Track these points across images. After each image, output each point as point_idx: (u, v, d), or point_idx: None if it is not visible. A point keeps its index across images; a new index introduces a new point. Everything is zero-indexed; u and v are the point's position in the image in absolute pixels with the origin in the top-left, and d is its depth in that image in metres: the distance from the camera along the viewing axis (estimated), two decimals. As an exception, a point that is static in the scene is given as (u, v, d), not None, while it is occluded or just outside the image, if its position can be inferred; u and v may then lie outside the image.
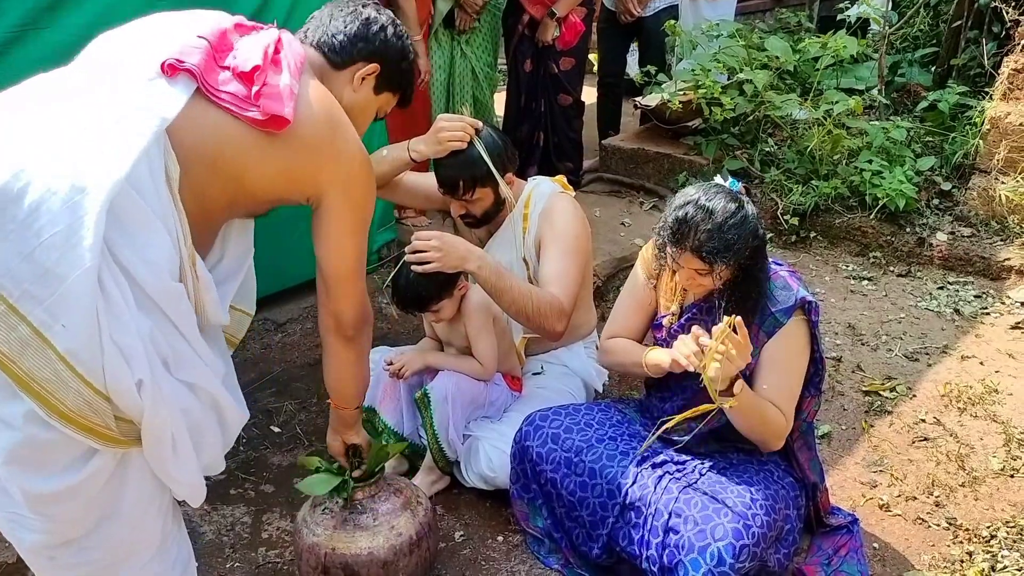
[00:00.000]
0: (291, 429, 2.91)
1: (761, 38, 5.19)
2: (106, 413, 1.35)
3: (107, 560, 1.51)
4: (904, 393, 3.10)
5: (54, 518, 1.42)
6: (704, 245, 1.93)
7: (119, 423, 1.38)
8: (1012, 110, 4.12)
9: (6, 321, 1.26)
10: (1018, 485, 2.61)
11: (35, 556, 1.48)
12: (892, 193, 4.10)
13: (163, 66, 1.45)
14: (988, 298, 3.78)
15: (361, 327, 1.83)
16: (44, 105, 1.39)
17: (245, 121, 1.51)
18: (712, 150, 4.78)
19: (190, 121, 1.46)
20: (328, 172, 1.63)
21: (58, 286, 1.26)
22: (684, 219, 1.96)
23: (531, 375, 2.80)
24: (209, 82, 1.49)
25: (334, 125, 1.63)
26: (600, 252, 3.97)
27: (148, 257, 1.37)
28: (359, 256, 1.76)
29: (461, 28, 4.39)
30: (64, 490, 1.39)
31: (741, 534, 1.92)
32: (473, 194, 2.51)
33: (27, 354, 1.27)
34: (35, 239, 1.25)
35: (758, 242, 2.00)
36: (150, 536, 1.56)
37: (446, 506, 2.56)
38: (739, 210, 1.96)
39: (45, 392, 1.30)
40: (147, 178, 1.37)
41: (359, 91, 1.83)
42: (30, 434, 1.33)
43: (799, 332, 2.09)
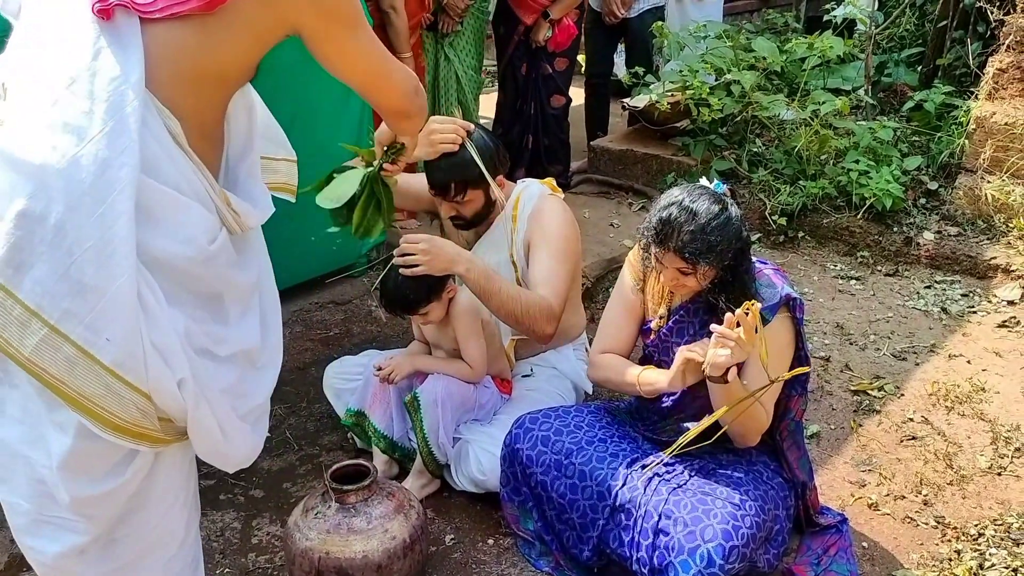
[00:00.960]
0: (281, 434, 2.90)
1: (748, 39, 5.21)
2: (154, 416, 1.36)
3: (133, 554, 1.51)
4: (892, 392, 3.11)
5: (95, 519, 1.43)
6: (687, 246, 1.96)
7: (162, 423, 1.38)
8: (997, 110, 4.15)
9: (50, 343, 1.25)
10: (1005, 483, 2.63)
11: (65, 559, 1.46)
12: (879, 193, 4.12)
13: (97, 13, 1.32)
14: (975, 297, 3.81)
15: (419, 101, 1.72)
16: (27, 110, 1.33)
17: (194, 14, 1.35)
18: (700, 151, 4.80)
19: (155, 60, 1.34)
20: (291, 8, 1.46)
21: (97, 300, 1.25)
22: (668, 220, 1.99)
23: (521, 378, 2.80)
24: (139, 4, 1.34)
25: None
26: (589, 253, 3.98)
27: (184, 236, 1.35)
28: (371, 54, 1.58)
29: (444, 31, 4.40)
30: (107, 492, 1.40)
31: (730, 535, 1.93)
32: (464, 196, 2.51)
33: (76, 373, 1.27)
34: (67, 257, 1.24)
35: (741, 244, 2.01)
36: (175, 529, 1.56)
37: (437, 509, 2.56)
38: (722, 212, 1.98)
39: (97, 408, 1.30)
40: (159, 153, 1.33)
41: None
42: (78, 443, 1.34)
43: (783, 329, 2.10)
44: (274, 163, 1.73)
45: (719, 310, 2.08)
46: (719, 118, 4.74)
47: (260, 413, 1.62)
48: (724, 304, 2.05)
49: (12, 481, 1.41)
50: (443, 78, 4.54)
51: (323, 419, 2.97)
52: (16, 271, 1.24)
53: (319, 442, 2.87)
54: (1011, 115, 4.09)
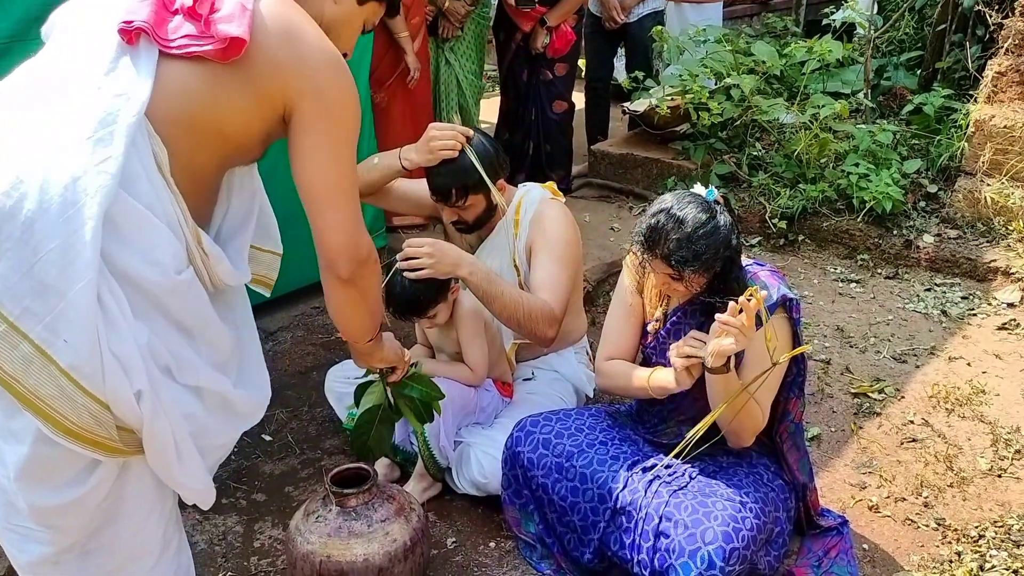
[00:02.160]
0: (282, 438, 2.91)
1: (748, 43, 5.24)
2: (110, 424, 1.34)
3: (110, 566, 1.50)
4: (892, 395, 3.12)
5: (60, 529, 1.42)
6: (673, 254, 1.97)
7: (121, 433, 1.37)
8: (996, 113, 4.16)
9: (7, 340, 1.25)
10: (1006, 485, 2.63)
11: (39, 568, 1.47)
12: (879, 196, 4.14)
13: (121, 34, 1.37)
14: (975, 299, 3.81)
15: (356, 266, 1.59)
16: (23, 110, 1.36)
17: (207, 57, 1.39)
18: (700, 155, 4.81)
19: (161, 92, 1.38)
20: (293, 82, 1.46)
21: (58, 302, 1.25)
22: (655, 227, 2.00)
23: (522, 381, 2.81)
24: (162, 36, 1.39)
25: (291, 32, 1.48)
26: (590, 257, 3.99)
27: (151, 258, 1.35)
28: (342, 173, 1.53)
29: (444, 36, 4.42)
30: (69, 503, 1.39)
31: (731, 537, 1.93)
32: (465, 201, 2.52)
33: (31, 372, 1.26)
34: (32, 256, 1.24)
35: (730, 252, 2.02)
36: (151, 542, 1.55)
37: (438, 513, 2.56)
38: (710, 220, 1.98)
39: (50, 409, 1.29)
40: (140, 173, 1.34)
41: (341, 3, 1.70)
42: (36, 450, 1.33)
43: (781, 330, 2.11)
44: (260, 254, 1.73)
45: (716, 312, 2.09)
46: (719, 122, 4.76)
47: (218, 457, 1.60)
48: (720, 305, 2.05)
49: None
50: (444, 82, 4.56)
51: (325, 423, 2.98)
52: None
53: (321, 446, 2.88)
54: (1010, 118, 4.10)
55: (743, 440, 2.15)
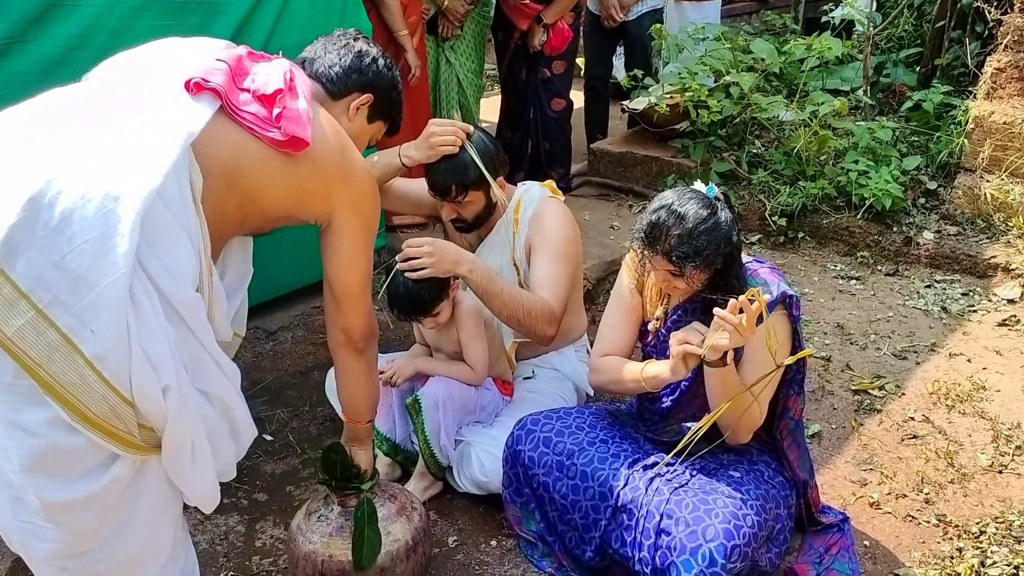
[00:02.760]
0: (283, 437, 2.91)
1: (747, 40, 5.23)
2: (130, 419, 1.37)
3: (117, 570, 1.51)
4: (893, 391, 3.12)
5: (68, 527, 1.42)
6: (674, 250, 1.97)
7: (141, 430, 1.40)
8: (996, 109, 4.16)
9: (35, 326, 1.27)
10: (1007, 481, 2.64)
11: (46, 567, 1.47)
12: (879, 193, 4.13)
13: (188, 84, 1.52)
14: (975, 296, 3.81)
15: (370, 339, 1.92)
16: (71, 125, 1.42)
17: (265, 141, 1.58)
18: (700, 153, 4.81)
19: (212, 137, 1.51)
20: (339, 193, 1.72)
21: (88, 292, 1.28)
22: (656, 223, 2.01)
23: (522, 379, 2.81)
24: (232, 101, 1.56)
25: (344, 148, 1.73)
26: (589, 256, 3.99)
27: (172, 267, 1.41)
28: (367, 272, 1.85)
29: (444, 35, 4.42)
30: (82, 498, 1.40)
31: (732, 534, 1.93)
32: (465, 198, 2.52)
33: (55, 359, 1.29)
34: (67, 245, 1.27)
35: (731, 248, 2.02)
36: (162, 545, 1.57)
37: (439, 511, 2.56)
38: (711, 216, 1.99)
39: (70, 396, 1.31)
40: (175, 190, 1.42)
41: (354, 120, 1.98)
42: (53, 440, 1.35)
43: (780, 326, 2.11)
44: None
45: None
46: (718, 120, 4.76)
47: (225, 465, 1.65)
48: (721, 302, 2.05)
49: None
50: (444, 81, 4.55)
51: (325, 422, 2.98)
52: (11, 252, 1.25)
53: (322, 445, 2.87)
54: (1009, 114, 4.10)
55: (740, 437, 2.15)
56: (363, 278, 1.85)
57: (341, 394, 2.05)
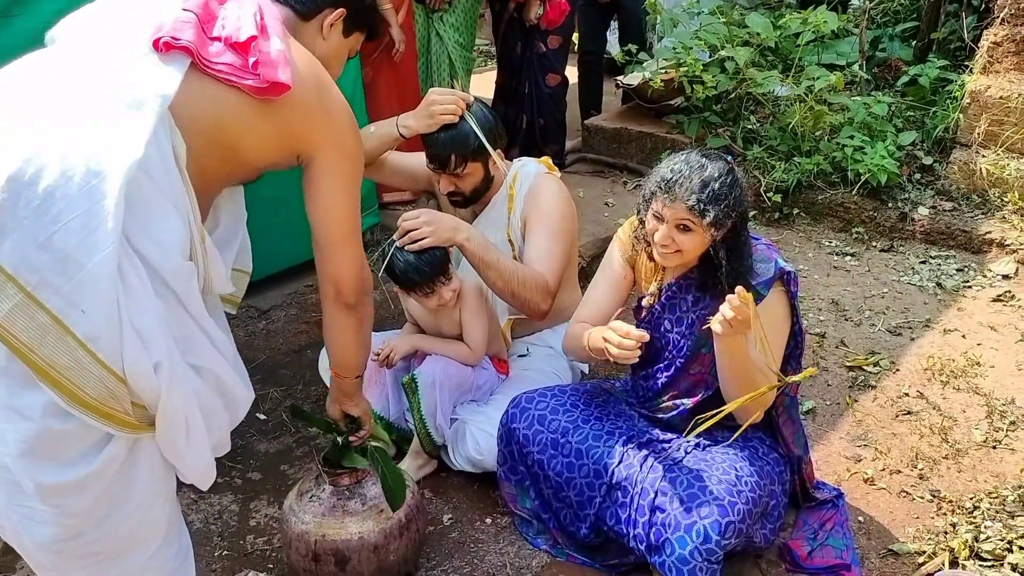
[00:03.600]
0: (277, 416, 2.90)
1: (742, 15, 5.19)
2: (124, 398, 1.35)
3: (113, 551, 1.50)
4: (887, 367, 3.12)
5: (65, 510, 1.41)
6: (696, 193, 1.93)
7: (135, 408, 1.38)
8: (992, 83, 4.13)
9: (24, 310, 1.25)
10: (1000, 456, 2.64)
11: (42, 552, 1.46)
12: (874, 168, 4.12)
13: (156, 44, 1.45)
14: (970, 271, 3.81)
15: (362, 295, 1.82)
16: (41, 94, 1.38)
17: (244, 90, 1.52)
18: (695, 128, 4.78)
19: (188, 97, 1.46)
20: (319, 131, 1.66)
21: (77, 272, 1.26)
22: (677, 170, 1.97)
23: (517, 357, 2.80)
24: (204, 56, 1.50)
25: (321, 85, 1.66)
26: (584, 232, 3.97)
27: (160, 239, 1.38)
28: (354, 216, 1.76)
29: (433, 7, 4.36)
30: (78, 480, 1.39)
31: (726, 511, 1.93)
32: (464, 169, 2.49)
33: (47, 342, 1.27)
34: (52, 225, 1.24)
35: (743, 209, 2.01)
36: (157, 525, 1.56)
37: (434, 490, 2.56)
38: (731, 172, 1.98)
39: (65, 380, 1.29)
40: (156, 159, 1.38)
41: (329, 38, 1.87)
42: (47, 425, 1.33)
43: (779, 303, 2.10)
44: (234, 273, 1.78)
45: (710, 287, 2.08)
46: (713, 95, 4.72)
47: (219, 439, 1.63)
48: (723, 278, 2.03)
49: None
50: (435, 56, 4.50)
51: (319, 401, 2.97)
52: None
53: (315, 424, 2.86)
54: (1006, 88, 4.07)
55: (750, 414, 2.10)
56: (348, 222, 1.75)
57: (329, 347, 1.95)
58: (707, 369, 2.15)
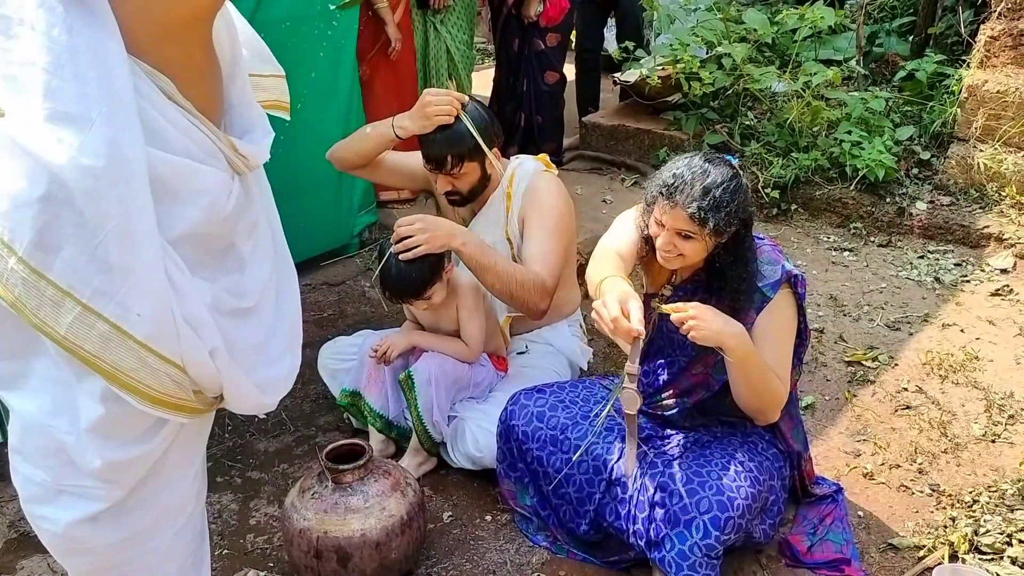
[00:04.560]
0: (276, 415, 2.90)
1: (739, 11, 5.18)
2: (188, 387, 1.38)
3: (145, 523, 1.52)
4: (886, 362, 3.12)
5: (117, 484, 1.44)
6: (697, 200, 1.91)
7: (196, 394, 1.41)
8: (989, 78, 4.13)
9: (84, 321, 1.26)
10: (999, 450, 2.64)
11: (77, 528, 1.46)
12: (872, 163, 4.12)
13: None
14: (968, 266, 3.81)
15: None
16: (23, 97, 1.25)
17: None
18: (692, 125, 4.78)
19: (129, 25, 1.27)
20: None
21: (125, 278, 1.26)
22: (680, 175, 1.95)
23: (516, 354, 2.80)
24: None
25: None
26: (583, 230, 3.96)
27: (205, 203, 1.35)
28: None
29: (436, 7, 4.37)
30: (136, 457, 1.42)
31: (726, 506, 1.94)
32: (460, 169, 2.50)
33: (110, 348, 1.28)
34: (93, 238, 1.24)
35: (747, 215, 1.99)
36: (186, 498, 1.58)
37: (434, 487, 2.56)
38: (734, 177, 1.96)
39: (134, 381, 1.31)
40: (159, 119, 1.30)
41: None
42: (109, 408, 1.35)
43: (787, 304, 2.10)
44: (263, 80, 1.69)
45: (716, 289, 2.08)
46: (710, 92, 4.73)
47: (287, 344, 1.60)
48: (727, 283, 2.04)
49: (27, 452, 1.42)
50: (433, 55, 4.50)
51: (319, 400, 2.97)
52: (46, 254, 1.24)
53: (315, 423, 2.87)
54: (1003, 83, 4.08)
55: (768, 415, 2.11)
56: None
57: None
58: (710, 370, 2.15)
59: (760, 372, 2.01)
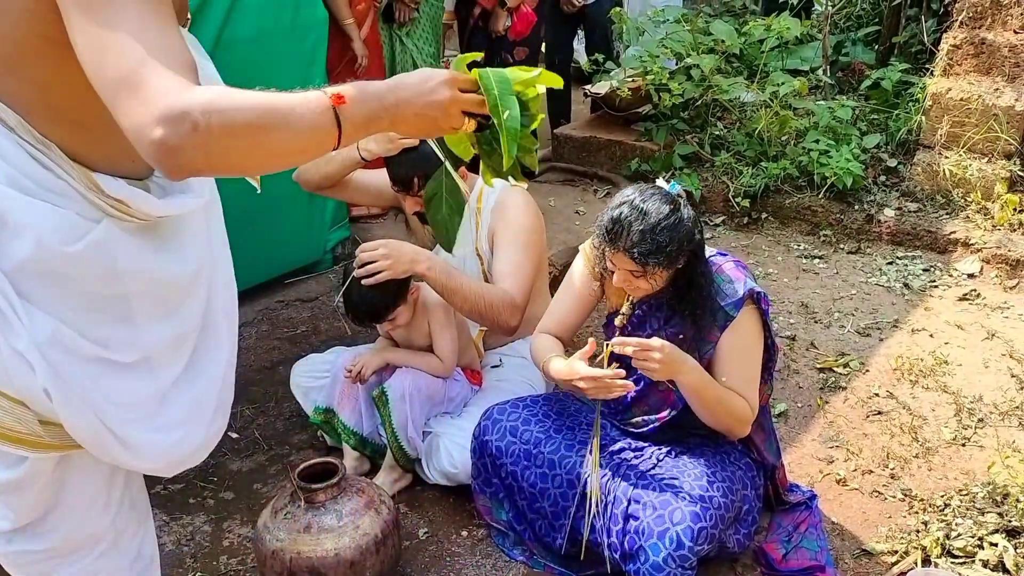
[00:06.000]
0: (249, 434, 2.88)
1: (707, 22, 5.23)
2: (30, 420, 1.29)
3: (61, 549, 1.48)
4: (857, 368, 3.15)
5: (10, 505, 1.40)
6: (636, 246, 1.94)
7: (48, 427, 1.31)
8: (952, 85, 4.20)
9: None
10: (969, 453, 2.67)
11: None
12: (840, 172, 4.16)
13: None
14: (936, 271, 3.86)
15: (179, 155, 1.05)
16: None
17: None
18: (663, 136, 4.81)
19: None
20: None
21: None
22: (618, 219, 1.98)
23: (490, 368, 2.80)
24: None
25: None
26: (555, 242, 3.98)
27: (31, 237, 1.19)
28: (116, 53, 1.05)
29: (401, 21, 4.36)
30: (6, 483, 1.37)
31: (699, 517, 1.94)
32: None
33: None
34: None
35: (693, 246, 2.01)
36: (99, 531, 1.51)
37: (409, 504, 2.55)
38: (673, 212, 1.96)
39: None
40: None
41: None
42: None
43: (751, 322, 2.11)
44: None
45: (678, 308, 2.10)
46: (680, 103, 4.76)
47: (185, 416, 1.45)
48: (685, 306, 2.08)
49: None
50: (400, 68, 4.50)
51: (292, 418, 2.95)
52: None
53: (289, 441, 2.85)
54: (966, 90, 4.14)
55: (736, 432, 2.16)
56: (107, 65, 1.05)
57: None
58: (672, 388, 2.16)
59: (716, 400, 2.05)
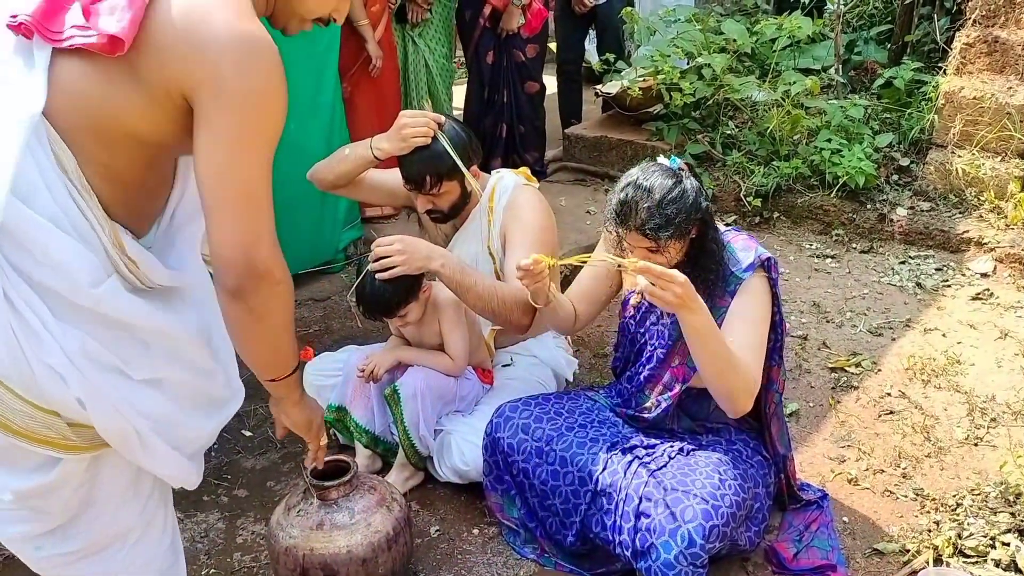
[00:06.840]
0: (263, 433, 2.90)
1: (718, 21, 5.23)
2: (59, 426, 1.33)
3: (91, 548, 1.50)
4: (869, 368, 3.15)
5: (40, 510, 1.42)
6: (646, 223, 1.99)
7: (77, 429, 1.35)
8: (965, 84, 4.18)
9: None
10: (982, 453, 2.66)
11: (21, 545, 1.46)
12: (852, 171, 4.15)
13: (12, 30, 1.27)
14: (948, 271, 3.84)
15: (247, 278, 1.35)
16: None
17: (99, 54, 1.25)
18: (674, 135, 4.81)
19: (60, 92, 1.27)
20: (188, 73, 1.28)
21: None
22: (625, 200, 2.03)
23: (501, 367, 2.81)
24: (51, 29, 1.26)
25: (191, 16, 1.28)
26: (567, 241, 3.99)
27: (62, 272, 1.27)
28: (244, 177, 1.32)
29: (414, 21, 4.38)
30: (39, 487, 1.39)
31: (710, 515, 1.95)
32: (439, 188, 2.51)
33: None
34: None
35: (702, 214, 2.05)
36: (131, 523, 1.54)
37: (421, 502, 2.56)
38: (676, 185, 2.02)
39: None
40: (38, 183, 1.25)
41: None
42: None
43: (761, 288, 2.13)
44: None
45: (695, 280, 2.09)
46: (691, 102, 4.76)
47: (198, 447, 1.57)
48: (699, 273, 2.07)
49: None
50: (413, 69, 4.51)
51: (305, 416, 2.96)
52: None
53: (301, 440, 2.82)
54: (979, 89, 4.12)
55: (739, 403, 2.06)
56: (228, 183, 1.32)
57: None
58: (686, 359, 2.16)
59: (720, 352, 1.99)
